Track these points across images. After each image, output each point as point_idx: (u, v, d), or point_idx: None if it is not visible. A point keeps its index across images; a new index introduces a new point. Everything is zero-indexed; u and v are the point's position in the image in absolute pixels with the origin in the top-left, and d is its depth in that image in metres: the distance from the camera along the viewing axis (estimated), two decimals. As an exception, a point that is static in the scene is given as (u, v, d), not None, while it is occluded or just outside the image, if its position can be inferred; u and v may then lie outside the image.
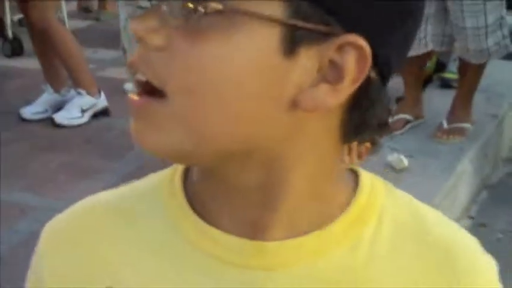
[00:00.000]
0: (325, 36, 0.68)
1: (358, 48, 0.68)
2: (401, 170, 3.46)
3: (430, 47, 3.91)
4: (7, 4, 5.61)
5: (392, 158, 3.48)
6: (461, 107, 3.96)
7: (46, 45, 4.33)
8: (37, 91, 4.46)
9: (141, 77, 0.69)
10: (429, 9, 3.77)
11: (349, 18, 0.68)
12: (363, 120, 0.73)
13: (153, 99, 0.68)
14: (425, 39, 3.84)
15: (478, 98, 4.06)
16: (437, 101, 4.29)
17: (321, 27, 0.67)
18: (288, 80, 0.68)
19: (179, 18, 0.66)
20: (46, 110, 4.34)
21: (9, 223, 3.27)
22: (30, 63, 5.09)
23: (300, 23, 0.67)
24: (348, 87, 0.69)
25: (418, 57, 3.85)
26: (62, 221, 0.82)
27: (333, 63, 0.69)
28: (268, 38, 0.67)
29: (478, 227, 3.66)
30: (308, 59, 0.68)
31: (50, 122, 4.25)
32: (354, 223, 0.77)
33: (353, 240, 0.77)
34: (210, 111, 0.68)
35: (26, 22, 4.55)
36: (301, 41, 0.68)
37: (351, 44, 0.68)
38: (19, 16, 5.49)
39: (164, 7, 0.67)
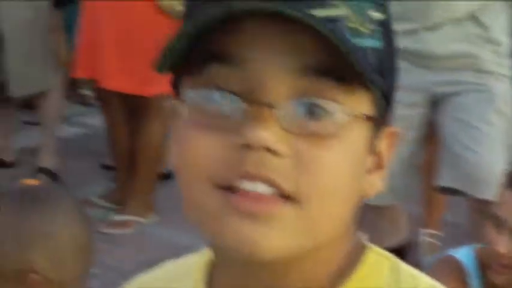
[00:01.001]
0: (384, 127, 0.74)
1: (392, 133, 0.75)
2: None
3: None
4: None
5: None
6: None
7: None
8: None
9: (262, 182, 0.67)
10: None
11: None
12: None
13: (285, 202, 0.67)
14: None
15: None
16: None
17: (385, 120, 0.73)
18: (364, 172, 0.73)
19: (300, 126, 0.68)
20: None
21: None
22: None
23: (379, 118, 0.72)
24: (386, 168, 0.75)
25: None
26: None
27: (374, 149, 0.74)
28: (365, 136, 0.71)
29: None
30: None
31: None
32: None
33: None
34: (333, 212, 0.69)
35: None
36: (377, 133, 0.73)
37: (386, 131, 0.75)
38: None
39: (279, 113, 0.67)
